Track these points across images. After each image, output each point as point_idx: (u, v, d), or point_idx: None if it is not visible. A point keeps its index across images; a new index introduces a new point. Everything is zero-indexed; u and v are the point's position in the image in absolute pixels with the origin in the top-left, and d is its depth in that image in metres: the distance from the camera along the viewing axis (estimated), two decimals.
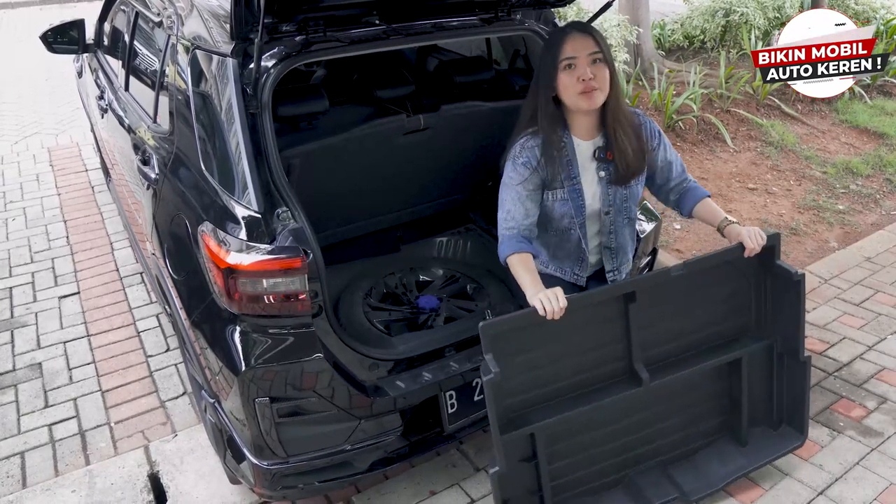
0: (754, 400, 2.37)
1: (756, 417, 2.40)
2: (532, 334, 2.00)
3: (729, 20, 7.27)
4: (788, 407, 2.39)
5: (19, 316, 3.54)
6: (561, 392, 2.10)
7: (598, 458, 2.23)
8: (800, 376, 2.30)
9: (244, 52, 2.06)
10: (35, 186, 5.06)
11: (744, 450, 2.38)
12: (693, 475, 2.31)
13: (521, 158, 2.07)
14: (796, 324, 2.23)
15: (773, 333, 2.31)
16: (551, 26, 2.66)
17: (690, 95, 5.42)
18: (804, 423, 2.36)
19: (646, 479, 2.28)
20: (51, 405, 2.93)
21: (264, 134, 2.03)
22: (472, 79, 2.87)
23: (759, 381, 2.36)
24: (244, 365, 1.94)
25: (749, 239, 2.08)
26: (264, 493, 2.22)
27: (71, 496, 2.45)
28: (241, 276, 1.89)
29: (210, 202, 2.05)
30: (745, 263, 2.17)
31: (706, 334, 2.26)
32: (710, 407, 2.37)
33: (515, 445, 2.05)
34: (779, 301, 2.26)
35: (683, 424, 2.33)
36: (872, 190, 4.84)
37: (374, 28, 2.28)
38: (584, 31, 1.98)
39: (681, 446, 2.35)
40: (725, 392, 2.36)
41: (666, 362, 2.20)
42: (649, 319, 2.12)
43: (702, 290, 2.20)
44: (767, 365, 2.35)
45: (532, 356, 2.02)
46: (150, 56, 2.85)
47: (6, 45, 9.91)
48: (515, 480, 2.09)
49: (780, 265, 2.19)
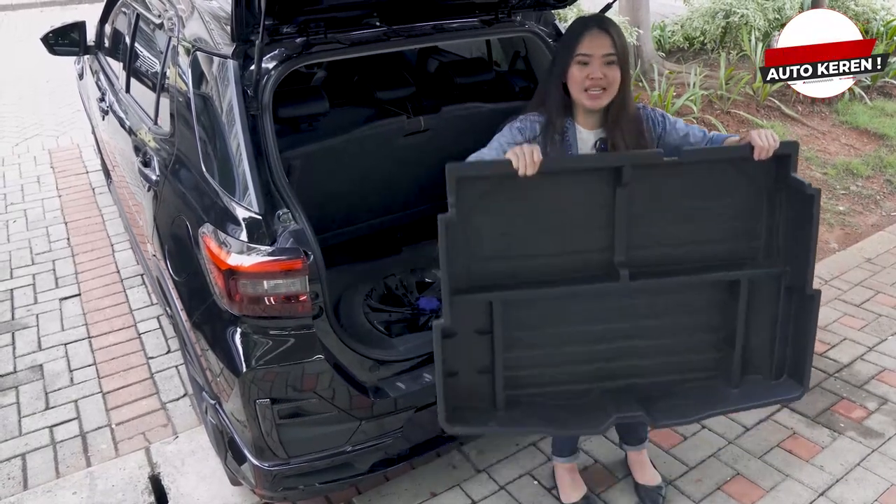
0: (753, 342, 2.08)
1: (753, 365, 2.11)
2: (507, 196, 1.84)
3: (729, 21, 7.27)
4: (791, 354, 2.07)
5: (20, 318, 3.55)
6: (533, 270, 1.93)
7: (563, 360, 2.04)
8: (806, 315, 2.00)
9: (245, 53, 2.07)
10: (36, 188, 5.07)
11: (733, 392, 2.09)
12: (666, 403, 2.06)
13: (517, 124, 2.05)
14: (807, 251, 1.93)
15: (783, 264, 2.01)
16: (551, 28, 2.67)
17: (691, 97, 5.43)
18: (805, 373, 2.04)
19: (612, 396, 2.05)
20: (52, 407, 2.93)
21: (265, 135, 2.03)
22: (473, 80, 2.88)
23: (760, 319, 2.07)
24: (245, 366, 1.94)
25: (758, 137, 1.84)
26: (265, 495, 2.22)
27: (72, 498, 2.45)
28: (242, 278, 1.89)
29: (211, 203, 2.05)
30: (757, 174, 1.92)
31: (706, 250, 2.01)
32: (702, 339, 2.11)
33: (472, 312, 1.91)
34: (792, 224, 1.96)
35: (667, 350, 2.09)
36: (873, 191, 4.84)
37: (375, 30, 2.29)
38: (604, 29, 1.95)
39: (660, 374, 2.10)
40: (720, 325, 2.10)
41: (653, 268, 1.97)
42: (640, 215, 1.92)
43: (706, 198, 1.96)
44: (772, 301, 2.05)
45: (505, 220, 1.88)
46: (150, 58, 2.85)
47: (7, 47, 9.92)
48: (467, 352, 1.95)
49: (795, 178, 1.90)
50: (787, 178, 1.91)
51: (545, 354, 2.03)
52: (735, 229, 2.01)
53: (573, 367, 2.06)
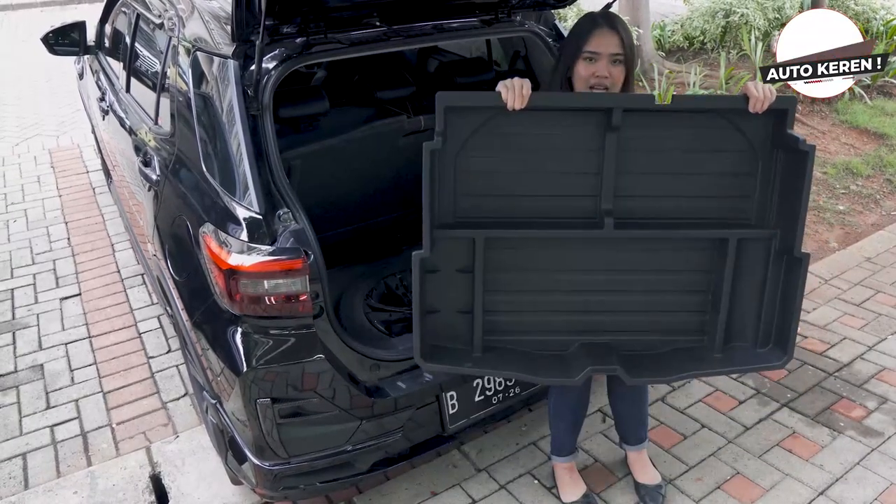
0: (739, 306, 2.03)
1: (739, 332, 2.06)
2: (496, 133, 1.83)
3: (729, 21, 7.27)
4: (777, 321, 2.02)
5: (21, 317, 3.55)
6: (518, 211, 1.91)
7: (544, 308, 2.02)
8: (793, 279, 1.93)
9: (245, 53, 2.07)
10: (36, 188, 5.07)
11: (717, 356, 2.05)
12: (645, 362, 2.02)
13: None
14: (797, 211, 1.86)
15: (774, 227, 1.96)
16: (551, 27, 2.67)
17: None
18: (790, 340, 1.98)
19: (591, 349, 2.01)
20: (52, 406, 2.93)
21: (265, 135, 2.03)
22: (473, 80, 2.88)
23: (747, 283, 2.02)
24: (246, 366, 1.95)
25: (754, 88, 1.79)
26: (266, 494, 2.23)
27: (73, 497, 2.45)
28: (243, 277, 1.90)
29: (211, 203, 2.06)
30: (753, 131, 1.88)
31: (696, 206, 1.96)
32: (687, 300, 2.06)
33: (453, 249, 1.90)
34: (785, 185, 1.91)
35: (651, 307, 2.05)
36: (872, 190, 4.84)
37: (375, 30, 2.29)
38: (614, 27, 1.94)
39: (643, 332, 2.06)
40: (706, 286, 2.04)
41: (639, 219, 1.94)
42: (630, 164, 1.88)
43: (699, 152, 1.92)
44: (760, 266, 2.00)
45: (493, 158, 1.85)
46: (151, 58, 2.85)
47: (7, 47, 9.92)
48: (447, 290, 1.94)
49: (790, 134, 1.83)
50: (783, 134, 1.85)
51: (526, 300, 2.01)
52: (727, 186, 1.96)
53: (554, 316, 2.03)
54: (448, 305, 1.97)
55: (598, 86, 1.95)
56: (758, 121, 1.85)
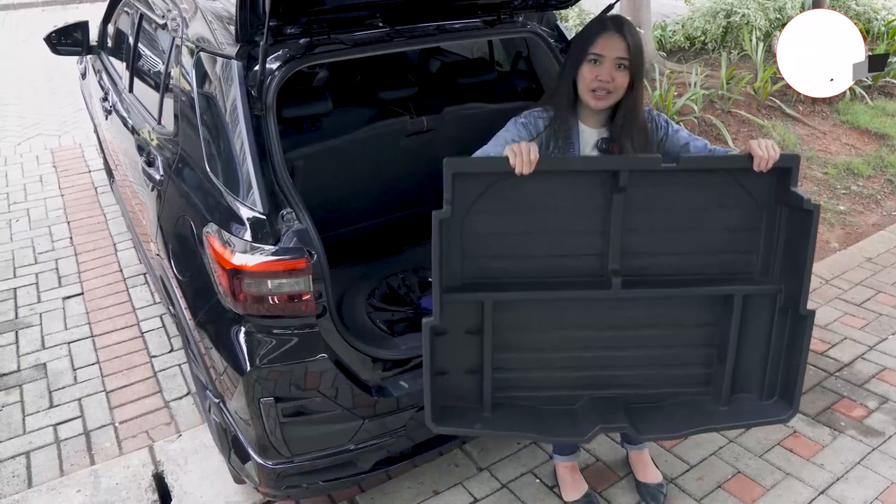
0: (745, 359, 2.05)
1: (745, 383, 2.08)
2: (504, 195, 1.83)
3: (730, 21, 7.28)
4: (783, 375, 2.04)
5: (24, 317, 3.56)
6: (525, 272, 1.92)
7: (552, 365, 2.03)
8: (799, 335, 1.95)
9: (248, 54, 2.08)
10: (38, 188, 5.08)
11: (722, 409, 2.06)
12: (653, 416, 2.03)
13: (522, 119, 2.05)
14: (802, 269, 1.88)
15: (779, 282, 1.97)
16: (553, 28, 2.68)
17: (692, 96, 5.44)
18: (795, 394, 2.00)
19: (600, 404, 2.03)
20: (55, 405, 2.94)
21: (269, 135, 2.04)
22: (475, 80, 2.89)
23: (752, 336, 2.03)
24: (249, 365, 1.95)
25: (758, 147, 1.80)
26: (269, 493, 2.24)
27: (76, 496, 2.46)
28: (246, 277, 1.90)
29: (215, 203, 2.06)
30: (757, 188, 1.89)
31: (701, 262, 1.98)
32: (693, 353, 2.08)
33: (462, 312, 1.91)
34: (790, 241, 1.92)
35: (658, 362, 2.06)
36: (873, 191, 4.85)
37: (378, 30, 2.30)
38: (621, 32, 1.93)
39: (650, 386, 2.08)
40: (712, 340, 2.06)
41: (646, 277, 1.95)
42: (636, 223, 1.90)
43: (703, 210, 1.93)
44: (765, 319, 2.02)
45: (500, 219, 1.86)
46: (154, 58, 2.86)
47: (8, 46, 9.93)
48: (456, 352, 1.95)
49: (795, 192, 1.84)
50: (787, 191, 1.86)
51: (534, 358, 2.02)
52: (732, 243, 1.97)
53: (562, 372, 2.04)
54: (457, 366, 1.98)
55: (600, 89, 1.94)
56: (762, 178, 1.85)
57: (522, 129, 2.03)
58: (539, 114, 2.07)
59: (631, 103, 2.00)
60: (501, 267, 1.91)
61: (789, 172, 1.85)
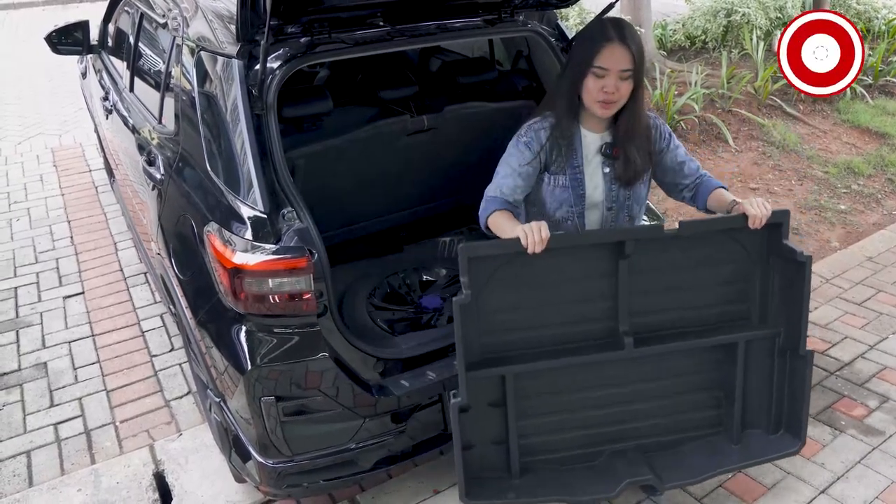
0: (751, 398, 2.22)
1: (753, 420, 2.25)
2: (516, 273, 1.93)
3: (730, 20, 7.28)
4: (787, 410, 2.22)
5: (24, 316, 3.56)
6: (541, 341, 2.02)
7: (573, 426, 2.14)
8: (800, 374, 2.13)
9: (249, 53, 2.08)
10: (39, 187, 5.08)
11: (734, 448, 2.22)
12: (673, 462, 2.17)
13: (524, 138, 2.07)
14: (799, 313, 2.05)
15: (777, 326, 2.14)
16: (554, 27, 2.67)
17: (692, 95, 5.43)
18: (802, 428, 2.19)
19: (621, 458, 2.15)
20: (56, 404, 2.94)
21: (269, 135, 2.04)
22: (475, 79, 2.88)
23: (757, 376, 2.20)
24: (250, 364, 1.96)
25: (752, 206, 1.94)
26: (269, 492, 2.24)
27: (77, 495, 2.46)
28: (247, 276, 1.90)
29: (216, 202, 2.06)
30: (750, 242, 2.04)
31: (704, 314, 2.11)
32: (703, 398, 2.23)
33: (484, 386, 2.00)
34: (785, 288, 2.09)
35: (671, 410, 2.20)
36: (874, 190, 4.85)
37: (379, 29, 2.30)
38: (625, 43, 1.92)
39: (666, 433, 2.21)
40: (720, 383, 2.21)
41: (655, 335, 2.08)
42: (641, 284, 2.01)
43: (703, 266, 2.06)
44: (768, 360, 2.19)
45: (515, 296, 1.96)
46: (154, 57, 2.86)
47: (9, 46, 9.93)
48: (481, 426, 2.03)
49: (787, 245, 2.01)
50: (780, 245, 2.02)
51: (556, 421, 2.12)
52: (730, 293, 2.12)
53: (583, 431, 2.15)
54: (483, 439, 2.06)
55: (605, 101, 1.96)
56: (755, 233, 1.99)
57: (526, 150, 2.06)
58: (539, 125, 2.08)
59: (633, 108, 2.01)
60: (518, 338, 2.01)
61: (780, 227, 2.01)
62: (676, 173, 2.20)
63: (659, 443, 2.21)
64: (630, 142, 2.04)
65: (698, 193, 2.20)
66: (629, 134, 2.04)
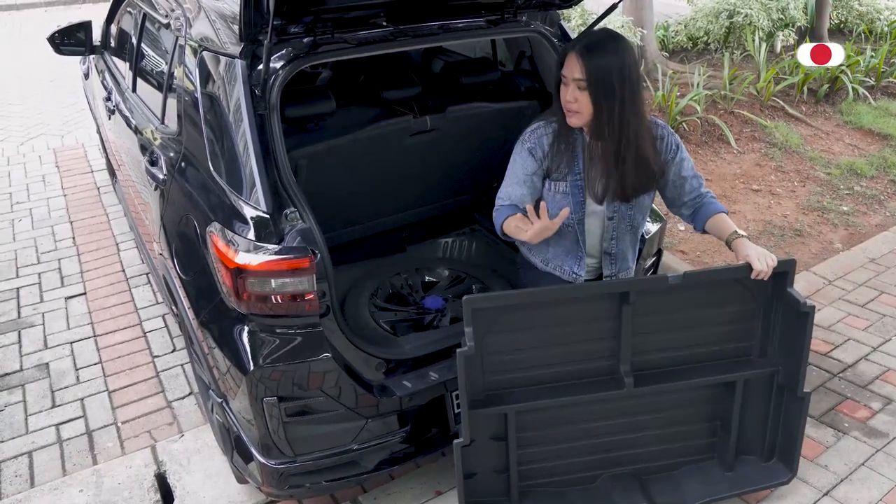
0: (746, 428, 2.28)
1: (747, 447, 2.31)
2: (520, 317, 1.99)
3: (733, 21, 7.27)
4: (781, 441, 2.29)
5: (26, 316, 3.56)
6: (543, 379, 2.08)
7: (571, 454, 2.21)
8: (796, 412, 2.19)
9: (252, 53, 2.07)
10: (41, 187, 5.08)
11: (728, 475, 2.29)
12: (669, 488, 2.25)
13: (527, 143, 2.08)
14: (799, 357, 2.11)
15: (777, 364, 2.19)
16: (557, 28, 2.67)
17: (694, 97, 5.43)
18: (794, 460, 2.28)
19: (618, 483, 2.23)
20: (58, 405, 2.94)
21: (272, 135, 2.04)
22: (478, 80, 2.88)
23: (753, 409, 2.26)
24: (252, 364, 1.95)
25: (758, 261, 1.99)
26: (272, 493, 2.23)
27: (79, 495, 2.46)
28: (250, 276, 1.90)
29: (218, 202, 2.06)
30: (755, 286, 2.08)
31: (704, 352, 2.17)
32: (699, 428, 2.30)
33: (487, 422, 2.07)
34: (786, 331, 2.14)
35: (667, 439, 2.27)
36: (877, 191, 4.84)
37: (381, 30, 2.29)
38: (583, 55, 1.91)
39: (661, 458, 2.29)
40: (716, 415, 2.27)
41: (655, 372, 2.13)
42: (643, 326, 2.06)
43: (706, 307, 2.11)
44: (765, 394, 2.24)
45: (518, 338, 2.02)
46: (157, 58, 2.86)
47: (11, 47, 9.93)
48: (483, 456, 2.10)
49: (792, 294, 2.06)
50: (784, 293, 2.08)
51: (555, 451, 2.20)
52: (732, 332, 2.17)
53: (580, 458, 2.23)
54: (484, 467, 2.15)
55: (568, 111, 1.98)
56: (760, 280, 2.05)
57: (530, 158, 2.07)
58: (543, 129, 2.09)
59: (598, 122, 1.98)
60: (520, 377, 2.07)
61: (786, 275, 2.06)
62: (678, 188, 2.18)
63: (653, 467, 2.28)
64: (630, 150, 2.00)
65: (698, 214, 2.20)
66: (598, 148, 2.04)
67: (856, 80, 6.27)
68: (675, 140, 2.15)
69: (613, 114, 1.95)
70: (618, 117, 1.95)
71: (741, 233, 2.09)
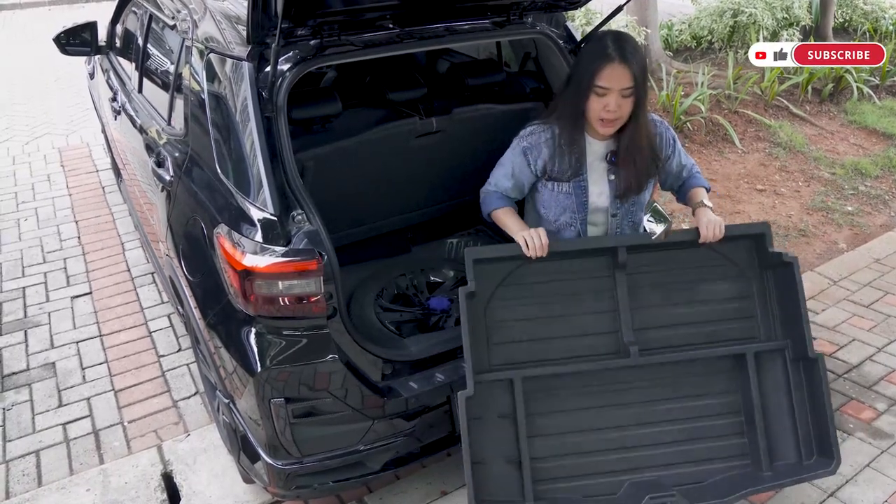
0: (773, 419, 2.14)
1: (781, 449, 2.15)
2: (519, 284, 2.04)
3: (737, 21, 7.26)
4: (814, 430, 2.13)
5: (32, 316, 3.57)
6: (548, 353, 2.09)
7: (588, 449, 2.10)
8: (815, 380, 2.08)
9: (259, 55, 2.08)
10: (46, 187, 5.10)
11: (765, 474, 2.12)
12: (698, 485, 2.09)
13: (524, 142, 2.14)
14: (798, 317, 2.07)
15: (784, 338, 2.16)
16: (562, 29, 2.67)
17: (698, 96, 5.43)
18: (833, 446, 2.08)
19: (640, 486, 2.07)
20: (64, 404, 2.95)
21: (279, 136, 2.04)
22: (484, 81, 2.88)
23: (774, 395, 2.14)
24: (260, 366, 1.96)
25: (705, 228, 2.07)
26: (278, 493, 2.24)
27: (85, 495, 2.47)
28: (257, 278, 1.91)
29: (225, 204, 2.07)
30: (740, 257, 2.15)
31: (709, 331, 2.15)
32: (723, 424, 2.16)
33: (493, 394, 2.04)
34: (782, 298, 2.14)
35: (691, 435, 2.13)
36: (881, 191, 4.83)
37: (388, 32, 2.30)
38: (626, 61, 1.91)
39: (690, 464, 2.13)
40: (738, 407, 2.16)
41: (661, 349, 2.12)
42: (642, 299, 2.11)
43: (699, 283, 2.14)
44: (781, 376, 2.16)
45: (519, 308, 2.06)
46: (163, 58, 2.87)
47: (16, 46, 9.95)
48: (492, 439, 2.05)
49: (773, 250, 2.10)
50: (766, 254, 2.11)
51: (568, 442, 2.11)
52: (732, 311, 2.18)
53: (598, 456, 2.12)
54: (494, 454, 2.05)
55: (606, 120, 1.98)
56: (738, 244, 2.14)
57: (522, 158, 2.13)
58: (541, 133, 2.12)
59: (636, 121, 2.03)
60: (526, 350, 2.08)
61: (763, 238, 2.12)
62: (675, 177, 2.29)
63: (683, 474, 2.11)
64: (634, 154, 2.06)
65: (682, 188, 2.30)
66: (632, 147, 2.06)
67: (860, 79, 6.26)
68: (670, 134, 2.24)
69: (639, 112, 2.02)
70: (641, 115, 2.03)
71: (706, 202, 2.17)
